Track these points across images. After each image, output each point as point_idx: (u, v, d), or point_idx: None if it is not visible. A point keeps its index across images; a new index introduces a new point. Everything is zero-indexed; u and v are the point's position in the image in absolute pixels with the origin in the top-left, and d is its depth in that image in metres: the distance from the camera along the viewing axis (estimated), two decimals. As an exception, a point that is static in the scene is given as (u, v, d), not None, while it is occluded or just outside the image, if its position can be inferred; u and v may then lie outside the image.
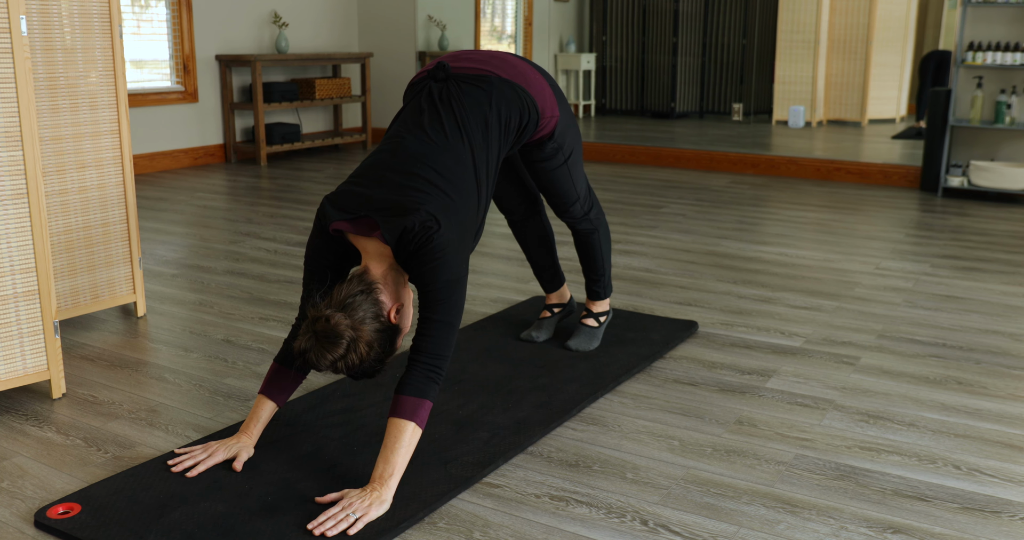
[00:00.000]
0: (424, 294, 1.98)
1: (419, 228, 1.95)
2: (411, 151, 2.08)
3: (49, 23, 2.85)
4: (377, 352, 1.95)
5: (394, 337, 2.01)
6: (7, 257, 2.40)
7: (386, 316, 1.98)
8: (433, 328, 1.97)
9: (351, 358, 1.89)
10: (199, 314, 3.29)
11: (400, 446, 1.91)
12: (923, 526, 1.89)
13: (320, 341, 1.87)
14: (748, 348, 2.94)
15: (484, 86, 2.23)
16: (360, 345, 1.90)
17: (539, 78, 2.37)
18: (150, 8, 6.49)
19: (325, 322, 1.87)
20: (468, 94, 2.20)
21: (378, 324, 1.95)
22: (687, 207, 5.33)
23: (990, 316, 3.28)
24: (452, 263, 1.98)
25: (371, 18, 8.17)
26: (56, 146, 2.92)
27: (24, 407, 2.48)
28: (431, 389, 1.95)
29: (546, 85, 2.39)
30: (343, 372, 1.93)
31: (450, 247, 1.98)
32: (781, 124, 9.03)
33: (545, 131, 2.40)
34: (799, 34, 8.88)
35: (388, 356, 2.00)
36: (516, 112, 2.26)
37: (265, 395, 2.13)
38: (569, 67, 10.12)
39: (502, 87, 2.24)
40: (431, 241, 1.95)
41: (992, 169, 5.52)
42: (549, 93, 2.38)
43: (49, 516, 1.87)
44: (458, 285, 1.99)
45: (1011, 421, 2.40)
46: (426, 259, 1.96)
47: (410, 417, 1.92)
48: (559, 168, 2.52)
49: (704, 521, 1.90)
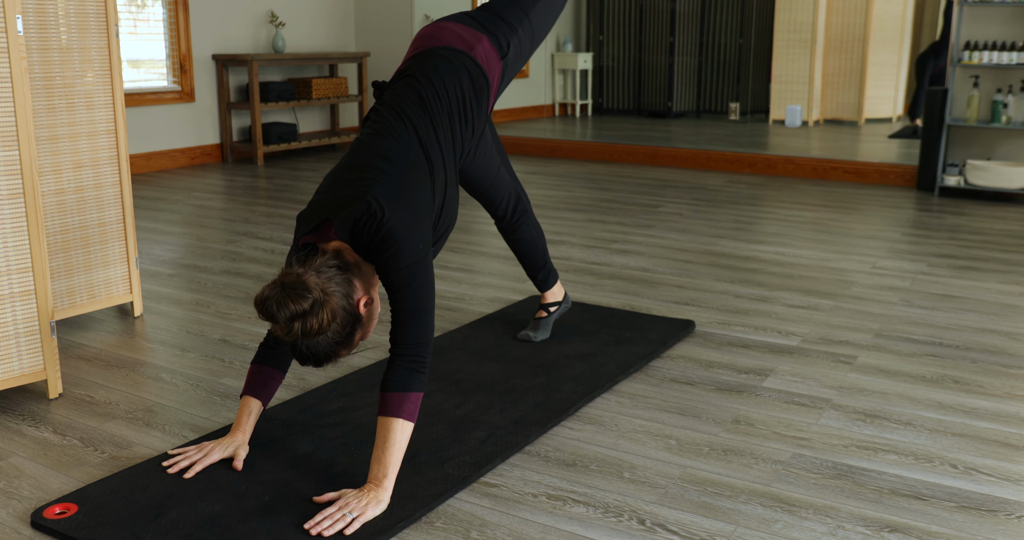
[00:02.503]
0: (390, 285, 1.94)
1: (366, 216, 1.91)
2: (359, 148, 2.07)
3: (45, 23, 2.85)
4: (336, 331, 1.87)
5: (355, 327, 1.93)
6: (3, 257, 2.40)
7: (355, 301, 1.92)
8: (405, 318, 1.93)
9: (311, 322, 1.80)
10: (196, 314, 3.28)
11: (391, 444, 1.90)
12: (920, 525, 1.89)
13: (286, 292, 1.79)
14: (745, 347, 2.94)
15: (415, 67, 2.19)
16: (324, 311, 1.81)
17: (475, 34, 2.28)
18: (147, 8, 6.49)
19: (297, 277, 1.81)
20: (400, 86, 2.18)
21: (346, 303, 1.89)
22: (684, 206, 5.33)
23: (987, 315, 3.29)
24: (410, 246, 1.93)
25: (368, 18, 8.16)
26: (52, 146, 2.92)
27: (20, 407, 2.47)
28: (415, 380, 1.92)
29: (483, 38, 2.28)
30: (296, 337, 1.82)
31: (403, 229, 1.92)
32: (778, 123, 9.03)
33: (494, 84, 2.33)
34: (796, 33, 8.88)
35: (343, 347, 1.92)
36: (454, 79, 2.19)
37: (248, 396, 2.13)
38: (566, 67, 10.11)
39: (434, 59, 2.19)
40: (382, 227, 1.91)
41: (988, 168, 5.52)
42: (489, 48, 2.28)
43: (46, 516, 1.87)
44: (421, 267, 1.94)
45: (1007, 420, 2.40)
46: (383, 247, 1.92)
47: (396, 413, 1.90)
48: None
49: (701, 520, 1.91)
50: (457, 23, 2.30)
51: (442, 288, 3.60)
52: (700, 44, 9.92)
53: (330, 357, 1.92)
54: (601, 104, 10.47)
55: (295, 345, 1.87)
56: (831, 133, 8.22)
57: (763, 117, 9.60)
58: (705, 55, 9.92)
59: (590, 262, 4.02)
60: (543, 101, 10.23)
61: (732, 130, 8.44)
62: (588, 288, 3.60)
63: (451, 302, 3.41)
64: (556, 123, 9.29)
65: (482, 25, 2.30)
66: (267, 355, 2.13)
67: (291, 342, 1.87)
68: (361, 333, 1.97)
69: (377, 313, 2.02)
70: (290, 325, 1.81)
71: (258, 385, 2.13)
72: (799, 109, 8.79)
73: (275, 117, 7.53)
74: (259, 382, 2.13)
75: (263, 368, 2.13)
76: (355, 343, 1.96)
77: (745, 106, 9.77)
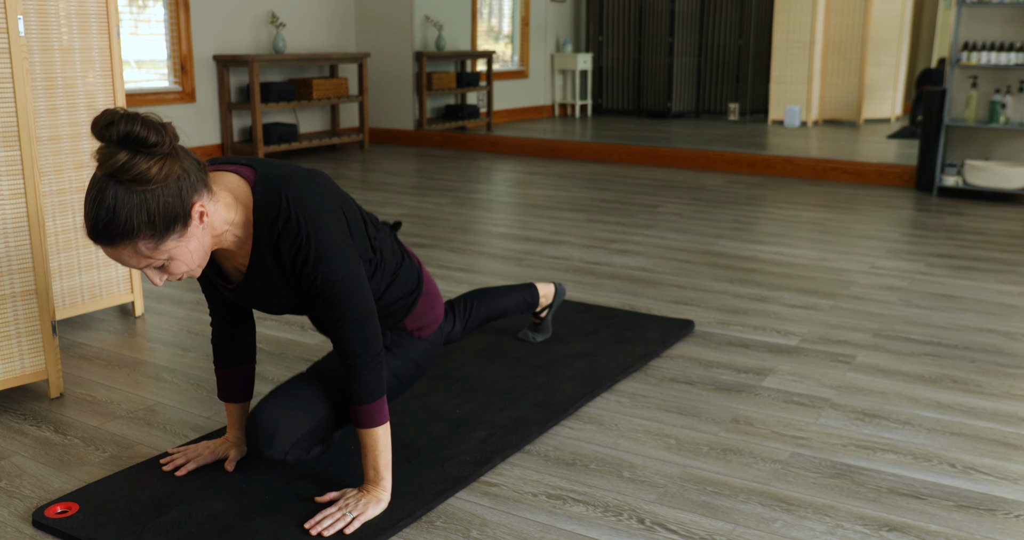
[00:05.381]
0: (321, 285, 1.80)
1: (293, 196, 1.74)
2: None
3: (47, 23, 2.85)
4: (154, 198, 1.56)
5: (173, 224, 1.60)
6: (5, 257, 2.41)
7: (193, 201, 1.62)
8: (347, 326, 1.82)
9: (140, 161, 1.53)
10: (197, 313, 3.29)
11: (380, 450, 1.88)
12: (919, 524, 1.90)
13: (143, 116, 1.54)
14: (744, 347, 2.95)
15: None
16: (163, 162, 1.55)
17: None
18: (148, 8, 6.49)
19: (163, 124, 1.57)
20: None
21: (186, 187, 1.60)
22: (683, 207, 5.33)
23: (985, 315, 3.29)
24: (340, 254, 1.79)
25: (368, 18, 8.17)
26: (54, 146, 2.92)
27: (22, 406, 2.48)
28: (381, 384, 1.85)
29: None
30: (111, 169, 1.53)
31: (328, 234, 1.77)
32: (777, 124, 9.04)
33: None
34: (795, 34, 8.89)
35: (144, 235, 1.57)
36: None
37: (226, 401, 2.08)
38: (566, 67, 10.12)
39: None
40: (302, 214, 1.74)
41: (987, 168, 5.53)
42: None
43: (47, 515, 1.87)
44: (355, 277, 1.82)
45: (1006, 419, 2.41)
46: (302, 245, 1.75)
47: (377, 423, 1.86)
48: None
49: (700, 519, 1.91)
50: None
51: (442, 288, 3.61)
52: (699, 45, 9.93)
53: (121, 228, 1.55)
54: (601, 104, 10.48)
55: (101, 184, 1.54)
56: (830, 133, 8.23)
57: (762, 117, 9.61)
58: (704, 56, 9.93)
59: (590, 262, 4.02)
60: (543, 101, 10.24)
61: (731, 130, 8.45)
62: (588, 288, 3.61)
63: (451, 302, 3.42)
64: (556, 123, 9.30)
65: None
66: (226, 354, 2.04)
67: (102, 175, 1.55)
68: (176, 243, 1.63)
69: (201, 244, 1.69)
70: (117, 147, 1.53)
71: (231, 388, 2.06)
72: (798, 109, 8.79)
73: (276, 117, 7.54)
74: (230, 384, 2.06)
75: (228, 371, 2.05)
76: (157, 253, 1.62)
77: (744, 106, 9.78)
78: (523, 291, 2.77)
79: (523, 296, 2.75)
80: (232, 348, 2.04)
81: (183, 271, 1.68)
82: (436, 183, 6.17)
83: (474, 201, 5.51)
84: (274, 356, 2.86)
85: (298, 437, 1.87)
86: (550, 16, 9.81)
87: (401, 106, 8.26)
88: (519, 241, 4.43)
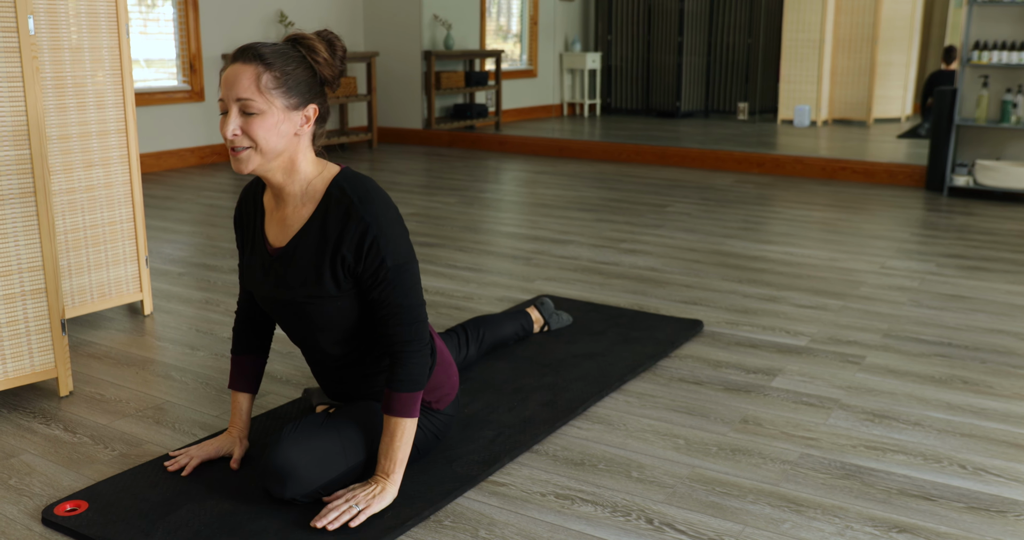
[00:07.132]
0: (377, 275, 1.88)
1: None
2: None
3: (56, 22, 2.86)
4: (293, 70, 1.80)
5: (302, 85, 1.81)
6: (15, 255, 2.41)
7: (313, 96, 1.84)
8: (398, 312, 1.89)
9: (280, 53, 1.80)
10: (206, 312, 3.29)
11: (402, 442, 1.90)
12: (929, 525, 1.89)
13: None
14: (753, 347, 2.94)
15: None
16: (301, 55, 1.82)
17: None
18: (157, 7, 6.51)
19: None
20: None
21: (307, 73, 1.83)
22: (692, 206, 5.32)
23: (996, 315, 3.28)
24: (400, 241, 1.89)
25: (376, 17, 8.17)
26: (63, 145, 2.93)
27: (31, 405, 2.49)
28: (424, 376, 1.90)
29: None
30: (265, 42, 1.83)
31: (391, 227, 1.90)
32: (786, 123, 9.01)
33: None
34: (804, 33, 8.87)
35: (282, 70, 1.79)
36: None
37: (235, 389, 2.13)
38: (574, 66, 10.11)
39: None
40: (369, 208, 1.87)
41: (998, 168, 5.50)
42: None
43: (56, 513, 1.88)
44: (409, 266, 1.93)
45: (1017, 420, 2.40)
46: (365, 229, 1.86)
47: (409, 413, 1.88)
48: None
49: (709, 520, 1.91)
50: None
51: (450, 287, 3.61)
52: (708, 44, 9.91)
53: (267, 53, 1.78)
54: (609, 104, 10.47)
55: (252, 45, 1.81)
56: (840, 133, 8.20)
57: (771, 117, 9.59)
58: (713, 55, 9.91)
59: (598, 261, 4.02)
60: (551, 101, 10.23)
61: (740, 130, 8.43)
62: (596, 287, 3.60)
63: (459, 301, 3.42)
64: (564, 123, 9.29)
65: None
66: (242, 342, 2.12)
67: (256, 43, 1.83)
68: (279, 109, 1.79)
69: (286, 139, 1.83)
70: (261, 45, 1.80)
71: (242, 375, 2.12)
72: (807, 109, 8.77)
73: (284, 116, 7.55)
74: (243, 372, 2.12)
75: (243, 358, 2.12)
76: (264, 95, 1.77)
77: (753, 106, 9.76)
78: (520, 318, 2.90)
79: (520, 323, 2.89)
80: (252, 336, 2.11)
81: (258, 136, 1.78)
82: (444, 182, 6.17)
83: (483, 200, 5.51)
84: (283, 355, 2.87)
85: (311, 489, 1.88)
86: (559, 15, 9.80)
87: (409, 105, 8.26)
88: (528, 240, 4.43)
